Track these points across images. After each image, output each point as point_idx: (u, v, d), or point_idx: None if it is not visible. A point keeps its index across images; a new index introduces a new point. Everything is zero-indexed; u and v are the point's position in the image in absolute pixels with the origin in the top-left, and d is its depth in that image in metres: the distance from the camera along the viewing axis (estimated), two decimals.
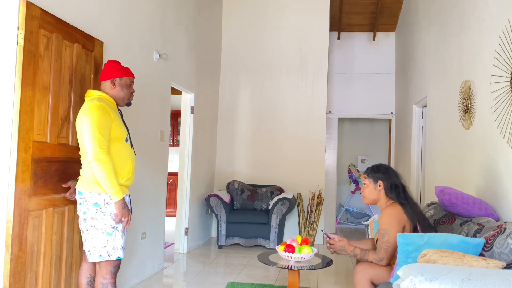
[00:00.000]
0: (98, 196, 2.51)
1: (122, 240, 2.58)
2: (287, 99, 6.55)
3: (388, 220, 2.69)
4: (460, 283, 1.76)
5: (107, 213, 2.52)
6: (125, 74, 2.74)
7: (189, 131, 5.48)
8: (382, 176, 2.85)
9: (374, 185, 2.86)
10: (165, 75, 4.60)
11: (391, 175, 2.86)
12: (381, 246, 2.68)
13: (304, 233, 6.03)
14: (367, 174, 2.91)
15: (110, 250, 2.54)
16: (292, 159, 6.48)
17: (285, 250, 3.30)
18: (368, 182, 2.88)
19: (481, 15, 3.37)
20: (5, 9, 2.43)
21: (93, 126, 2.45)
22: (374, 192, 2.86)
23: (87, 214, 2.52)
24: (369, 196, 2.89)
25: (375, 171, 2.88)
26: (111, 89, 2.70)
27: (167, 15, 4.61)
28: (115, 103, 2.72)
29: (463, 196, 2.97)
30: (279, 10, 6.64)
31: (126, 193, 2.66)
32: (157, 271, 4.50)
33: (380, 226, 2.71)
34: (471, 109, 3.51)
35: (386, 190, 2.83)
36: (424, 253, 2.17)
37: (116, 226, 2.54)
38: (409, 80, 6.28)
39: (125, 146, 2.67)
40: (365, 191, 2.90)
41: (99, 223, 2.52)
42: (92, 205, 2.51)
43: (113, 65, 2.74)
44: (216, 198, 5.75)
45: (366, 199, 2.91)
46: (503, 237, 2.27)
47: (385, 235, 2.66)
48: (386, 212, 2.73)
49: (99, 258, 2.54)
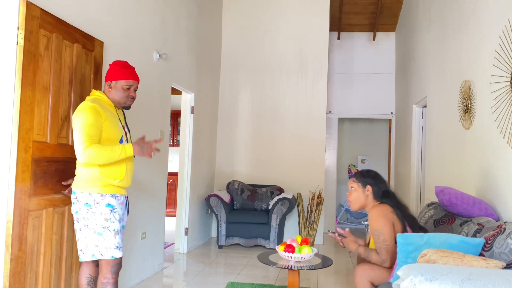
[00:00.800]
0: (89, 196, 2.53)
1: (115, 240, 2.58)
2: (287, 99, 6.55)
3: (378, 219, 2.68)
4: (460, 283, 1.76)
5: (98, 213, 2.53)
6: (122, 77, 2.69)
7: (189, 131, 5.48)
8: (371, 181, 2.85)
9: (363, 189, 2.86)
10: (165, 75, 4.60)
11: (380, 181, 2.86)
12: (381, 247, 2.67)
13: (304, 233, 6.03)
14: (355, 178, 2.89)
15: (102, 249, 2.55)
16: (292, 159, 6.48)
17: (285, 250, 3.30)
18: (357, 186, 2.87)
19: (481, 15, 3.37)
20: (5, 9, 2.43)
21: (80, 126, 2.46)
22: (362, 197, 2.86)
23: (79, 214, 2.56)
24: (357, 200, 2.87)
25: (364, 176, 2.88)
26: (107, 91, 2.71)
27: (167, 15, 4.61)
28: (113, 105, 2.71)
29: (463, 196, 2.97)
30: (279, 10, 6.64)
31: (122, 194, 2.66)
32: (157, 271, 4.50)
33: (373, 228, 2.69)
34: (471, 109, 3.51)
35: (375, 195, 2.83)
36: (424, 253, 2.17)
37: (107, 226, 2.55)
38: (409, 80, 6.28)
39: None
40: (352, 195, 2.88)
41: (91, 222, 2.54)
42: (84, 204, 2.54)
43: (113, 67, 2.72)
44: (216, 198, 5.75)
45: (353, 203, 2.88)
46: (503, 237, 2.27)
47: (380, 236, 2.65)
48: (374, 212, 2.73)
49: (92, 257, 2.58)
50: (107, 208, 2.56)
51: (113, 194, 2.59)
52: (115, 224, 2.58)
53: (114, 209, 2.58)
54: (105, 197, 2.56)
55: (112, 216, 2.57)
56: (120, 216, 2.63)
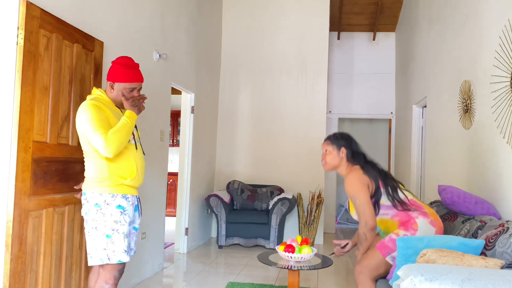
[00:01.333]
0: (99, 196, 2.46)
1: (124, 243, 2.48)
2: (287, 99, 6.55)
3: (353, 185, 2.75)
4: (460, 283, 1.76)
5: (107, 214, 2.45)
6: (125, 80, 2.57)
7: (189, 131, 5.48)
8: (345, 143, 2.93)
9: (337, 151, 2.93)
10: (165, 75, 4.60)
11: (353, 143, 2.95)
12: (359, 212, 2.72)
13: (304, 233, 6.03)
14: (330, 141, 2.97)
15: (110, 253, 2.45)
16: (292, 159, 6.48)
17: (285, 250, 3.30)
18: (331, 148, 2.94)
19: (481, 15, 3.37)
20: (5, 9, 2.43)
21: (89, 123, 2.40)
22: (337, 159, 2.93)
23: (88, 215, 2.48)
24: (331, 162, 2.94)
25: (338, 139, 2.95)
26: (109, 91, 2.61)
27: (167, 15, 4.61)
28: (113, 104, 2.62)
29: (465, 195, 2.98)
30: (279, 10, 6.64)
31: (133, 194, 2.58)
32: (157, 271, 4.50)
33: (349, 195, 2.77)
34: (471, 109, 3.51)
35: (348, 157, 2.90)
36: (423, 252, 2.17)
37: (117, 229, 2.46)
38: (409, 80, 6.28)
39: (127, 146, 2.57)
40: (327, 158, 2.95)
41: (99, 224, 2.45)
42: (93, 205, 2.46)
43: (116, 66, 2.59)
44: (216, 198, 5.75)
45: (327, 165, 2.96)
46: (506, 236, 2.27)
47: (356, 200, 2.72)
48: (349, 178, 2.80)
49: (100, 261, 2.46)
50: (117, 210, 2.47)
51: (124, 194, 2.51)
52: (125, 226, 2.49)
53: (125, 210, 2.50)
54: (116, 197, 2.48)
55: (122, 218, 2.48)
56: (131, 218, 2.54)
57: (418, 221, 2.66)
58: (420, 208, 2.74)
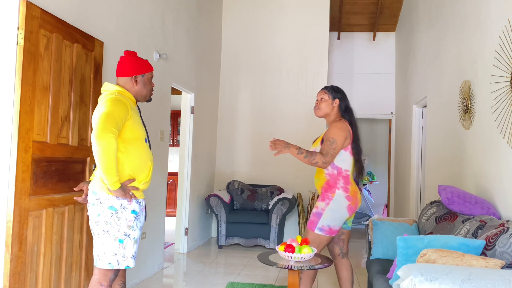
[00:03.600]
0: (116, 200, 2.35)
1: (134, 249, 2.42)
2: (287, 99, 6.55)
3: (338, 132, 3.02)
4: (460, 283, 1.76)
5: (123, 218, 2.36)
6: (147, 69, 2.56)
7: (189, 131, 5.48)
8: (340, 96, 3.21)
9: (332, 101, 3.18)
10: (165, 75, 4.60)
11: (346, 99, 3.24)
12: (328, 152, 2.97)
13: (304, 233, 6.03)
14: (327, 91, 3.20)
15: (120, 258, 2.38)
16: (292, 159, 6.46)
17: (285, 250, 3.29)
18: (327, 97, 3.18)
19: (481, 15, 3.37)
20: (5, 9, 2.43)
21: (106, 112, 2.28)
22: (330, 107, 3.18)
23: (100, 217, 2.35)
24: (325, 109, 3.18)
25: (336, 91, 3.21)
26: (132, 86, 2.52)
27: (167, 15, 4.61)
28: (134, 100, 2.56)
29: (466, 195, 2.98)
30: (279, 10, 6.64)
31: (141, 198, 2.49)
32: (157, 271, 4.50)
33: (329, 135, 3.02)
34: (471, 109, 3.51)
35: (341, 108, 3.19)
36: (424, 252, 2.17)
37: (129, 234, 2.39)
38: (409, 80, 6.28)
39: (145, 147, 2.50)
40: (322, 104, 3.19)
41: (113, 228, 2.36)
42: (108, 207, 2.35)
43: (132, 59, 2.53)
44: (216, 198, 5.75)
45: (320, 111, 3.19)
46: (506, 236, 2.26)
47: (333, 143, 2.99)
48: (337, 125, 3.07)
49: (109, 265, 2.37)
50: (132, 215, 2.39)
51: (137, 199, 2.43)
52: (136, 232, 2.42)
53: (138, 216, 2.43)
54: (132, 202, 2.39)
55: (135, 223, 2.41)
56: (141, 224, 2.48)
57: (337, 192, 3.04)
58: (347, 184, 3.07)
